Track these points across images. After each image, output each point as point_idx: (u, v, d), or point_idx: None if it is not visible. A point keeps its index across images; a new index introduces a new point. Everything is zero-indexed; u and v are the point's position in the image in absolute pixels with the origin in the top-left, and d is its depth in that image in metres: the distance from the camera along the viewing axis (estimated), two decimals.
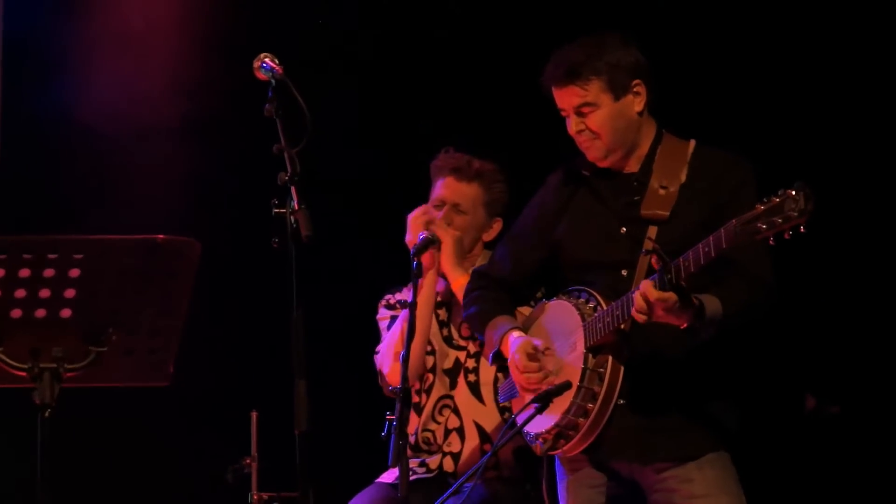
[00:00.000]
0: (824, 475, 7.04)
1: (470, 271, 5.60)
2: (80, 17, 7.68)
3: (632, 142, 5.07)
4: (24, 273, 4.09)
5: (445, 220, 5.95)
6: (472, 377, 6.02)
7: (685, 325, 4.67)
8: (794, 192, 4.26)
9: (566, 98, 5.02)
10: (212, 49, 7.44)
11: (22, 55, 7.71)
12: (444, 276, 5.96)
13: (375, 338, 6.08)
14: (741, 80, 7.21)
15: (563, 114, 5.06)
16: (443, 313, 6.08)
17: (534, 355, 4.99)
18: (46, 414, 4.15)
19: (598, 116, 4.99)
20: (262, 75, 4.69)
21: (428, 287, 5.93)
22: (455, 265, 5.90)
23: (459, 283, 5.79)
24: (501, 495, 5.80)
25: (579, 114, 5.00)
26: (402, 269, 5.83)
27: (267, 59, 4.70)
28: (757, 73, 7.29)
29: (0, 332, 4.14)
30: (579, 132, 5.02)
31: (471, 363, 6.02)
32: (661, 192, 4.99)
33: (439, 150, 6.11)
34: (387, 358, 5.93)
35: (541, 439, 5.03)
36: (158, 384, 4.37)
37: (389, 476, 5.91)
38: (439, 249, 5.90)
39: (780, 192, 4.30)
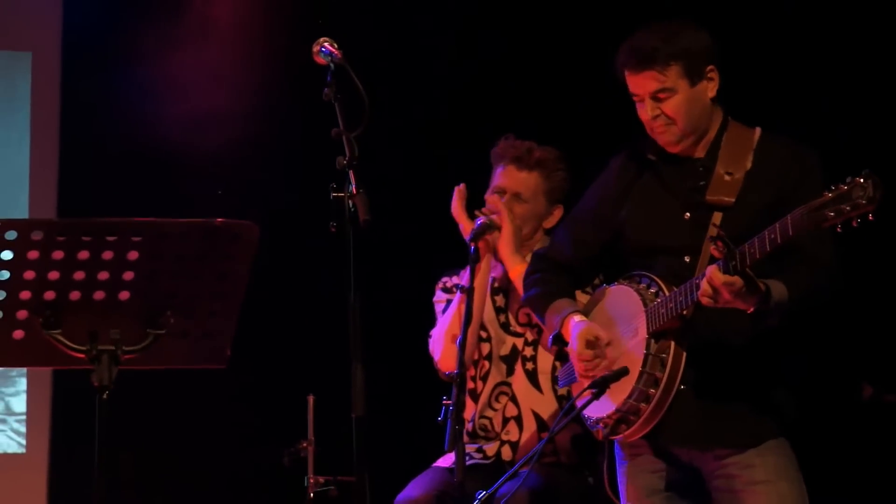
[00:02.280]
0: (881, 462, 7.03)
1: (528, 258, 5.58)
2: (138, 11, 7.72)
3: (704, 126, 5.03)
4: (83, 255, 4.10)
5: (506, 204, 5.94)
6: (529, 365, 6.00)
7: (752, 309, 4.64)
8: (861, 180, 4.24)
9: (642, 83, 4.97)
10: (268, 36, 7.46)
11: (81, 49, 7.75)
12: (502, 263, 5.95)
13: (432, 321, 6.09)
14: (806, 68, 7.20)
15: (635, 99, 5.01)
16: (500, 300, 6.06)
17: (592, 343, 4.99)
18: (105, 395, 4.17)
19: (674, 102, 4.95)
20: (320, 59, 4.69)
21: (483, 272, 5.92)
22: (513, 253, 5.89)
23: (517, 270, 5.78)
24: (559, 481, 5.80)
25: (656, 99, 4.95)
26: (460, 253, 5.83)
27: (326, 44, 4.69)
28: (821, 62, 7.28)
29: (59, 314, 4.16)
30: (655, 117, 4.97)
31: (528, 351, 6.01)
32: (727, 178, 4.95)
33: (500, 137, 6.12)
34: (438, 343, 5.93)
35: (602, 424, 5.03)
36: (215, 367, 4.38)
37: (446, 461, 5.91)
38: (496, 235, 5.89)
39: (847, 180, 4.27)
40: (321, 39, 4.70)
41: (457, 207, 5.95)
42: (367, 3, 7.60)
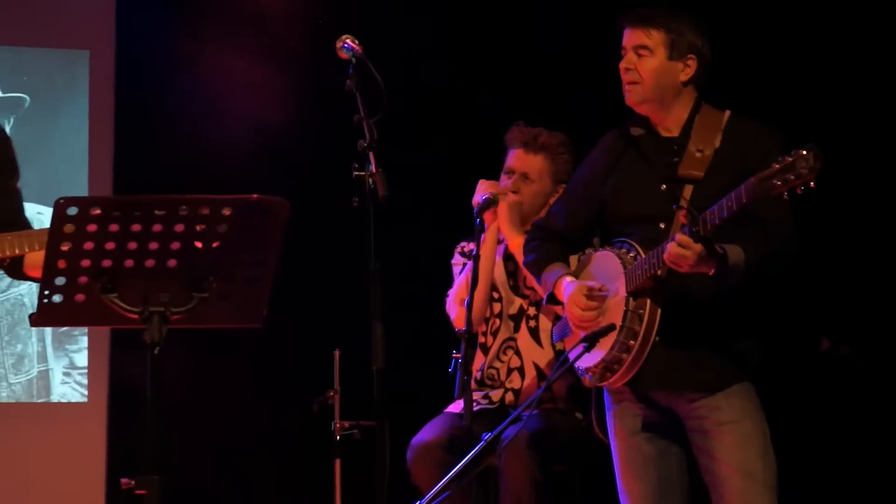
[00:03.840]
0: (836, 407, 7.04)
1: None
2: (184, 13, 7.72)
3: (668, 101, 5.09)
4: (136, 228, 4.12)
5: (514, 187, 6.00)
6: (532, 323, 6.04)
7: (712, 271, 4.69)
8: (804, 152, 4.32)
9: (632, 37, 5.07)
10: (298, 34, 7.46)
11: (132, 47, 7.76)
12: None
13: (446, 282, 6.10)
14: (775, 63, 7.22)
15: (622, 52, 5.09)
16: (511, 265, 6.11)
17: (591, 296, 5.03)
18: (155, 351, 4.19)
19: (649, 63, 5.03)
20: (343, 54, 4.70)
21: (489, 242, 5.96)
22: (510, 227, 5.93)
23: (516, 242, 5.85)
24: (556, 423, 5.82)
25: (636, 53, 5.03)
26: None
27: (348, 40, 4.70)
28: (786, 58, 7.30)
29: (115, 280, 4.17)
30: (627, 70, 5.05)
31: (532, 311, 6.06)
32: (698, 155, 5.00)
33: (513, 122, 6.15)
34: (454, 305, 5.97)
35: (590, 373, 5.06)
36: (252, 326, 4.39)
37: (456, 407, 5.94)
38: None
39: (792, 153, 4.35)
40: (343, 36, 4.71)
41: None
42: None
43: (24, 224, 4.54)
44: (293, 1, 7.61)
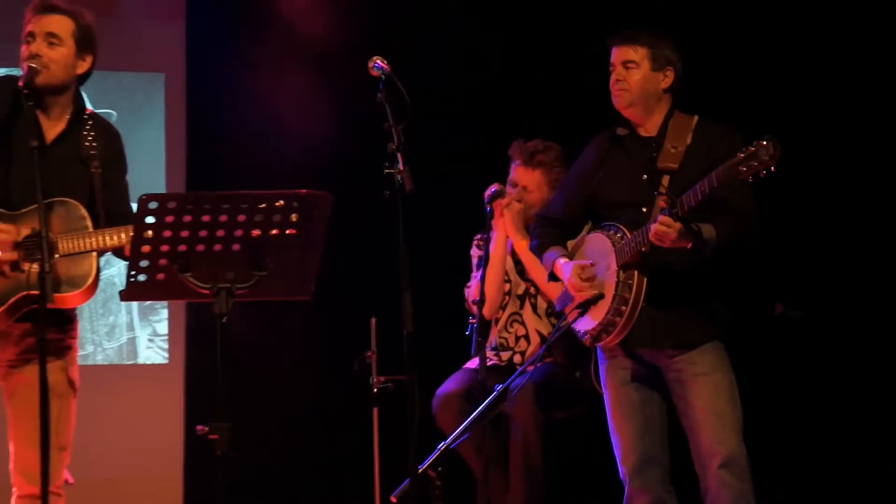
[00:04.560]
0: (788, 362, 7.04)
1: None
2: (243, 39, 7.71)
3: (650, 106, 5.13)
4: (206, 219, 4.13)
5: (517, 196, 6.07)
6: (534, 300, 6.09)
7: (689, 245, 4.75)
8: (765, 143, 4.44)
9: (620, 53, 5.11)
10: (337, 55, 7.44)
11: (200, 69, 7.75)
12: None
13: (463, 260, 6.11)
14: (734, 74, 7.21)
15: (611, 69, 5.13)
16: (517, 256, 6.12)
17: (585, 274, 5.06)
18: (223, 320, 4.19)
19: (635, 74, 5.08)
20: (374, 72, 4.67)
21: (499, 241, 6.05)
22: (515, 232, 6.05)
23: (521, 245, 5.98)
24: (556, 377, 5.81)
25: (625, 67, 5.08)
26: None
27: (378, 60, 4.67)
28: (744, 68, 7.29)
29: (189, 262, 4.18)
30: (618, 81, 5.10)
31: (533, 290, 6.08)
32: (672, 150, 5.05)
33: (516, 133, 6.17)
34: (473, 296, 5.98)
35: (588, 335, 5.10)
36: (303, 298, 4.39)
37: (472, 363, 5.95)
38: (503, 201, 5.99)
39: (754, 143, 4.47)
40: (374, 57, 4.68)
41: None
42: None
43: (130, 213, 4.53)
44: (332, 28, 7.59)
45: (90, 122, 4.84)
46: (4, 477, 4.79)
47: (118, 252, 4.64)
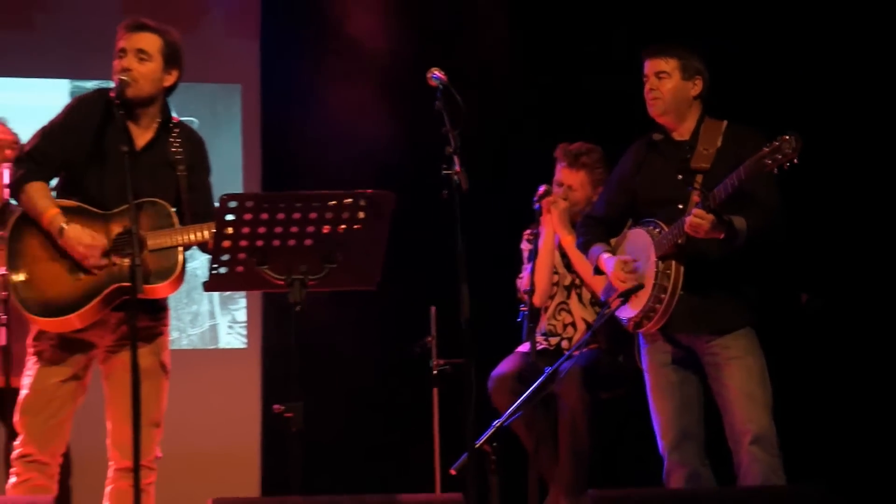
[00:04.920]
0: (814, 347, 7.00)
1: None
2: (314, 52, 7.73)
3: (682, 112, 5.14)
4: (281, 216, 4.17)
5: (563, 195, 6.05)
6: (580, 291, 6.07)
7: (722, 236, 4.78)
8: (787, 137, 4.53)
9: (653, 65, 5.13)
10: (399, 68, 7.45)
11: (273, 80, 7.78)
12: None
13: (514, 253, 6.11)
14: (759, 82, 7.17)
15: (645, 80, 5.15)
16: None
17: (627, 267, 5.07)
18: (297, 308, 4.21)
19: (667, 84, 5.10)
20: (433, 83, 4.68)
21: (548, 225, 5.98)
22: (562, 227, 6.02)
23: (567, 240, 5.96)
24: (601, 361, 5.81)
25: (658, 77, 5.10)
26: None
27: (436, 72, 4.68)
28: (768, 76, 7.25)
29: (266, 255, 4.21)
30: (651, 90, 5.12)
31: (579, 282, 6.07)
32: (704, 152, 5.07)
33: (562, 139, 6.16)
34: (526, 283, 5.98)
35: (631, 321, 5.11)
36: (369, 288, 4.41)
37: (524, 348, 5.95)
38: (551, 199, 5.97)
39: (778, 138, 4.55)
40: (432, 69, 4.69)
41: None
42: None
43: (213, 212, 4.56)
44: (395, 42, 7.60)
45: (176, 130, 4.87)
46: (103, 451, 4.84)
47: (202, 247, 4.68)
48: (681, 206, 4.98)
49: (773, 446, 4.92)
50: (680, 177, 5.06)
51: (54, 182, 4.81)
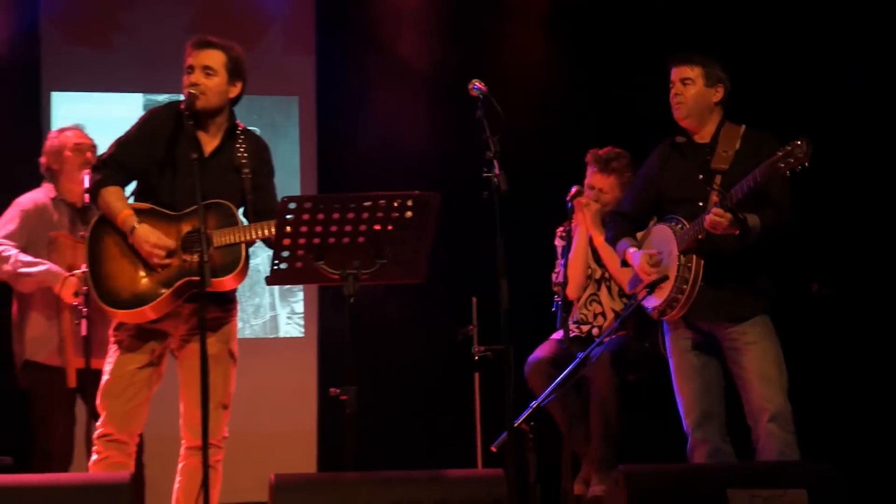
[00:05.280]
0: (824, 332, 6.96)
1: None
2: (367, 67, 7.76)
3: (704, 117, 5.12)
4: (336, 216, 4.18)
5: (595, 198, 6.02)
6: (609, 283, 6.05)
7: (737, 232, 4.77)
8: (799, 143, 4.52)
9: (679, 72, 5.12)
10: (442, 79, 7.46)
11: (328, 93, 7.82)
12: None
13: (549, 249, 6.10)
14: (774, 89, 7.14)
15: (671, 86, 5.13)
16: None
17: (652, 261, 5.06)
18: (351, 300, 4.23)
19: (691, 90, 5.09)
20: (474, 93, 4.67)
21: (581, 224, 5.97)
22: (594, 227, 6.00)
23: (598, 239, 5.93)
24: (629, 347, 5.80)
25: (682, 83, 5.08)
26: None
27: (476, 83, 4.68)
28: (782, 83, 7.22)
29: (322, 252, 4.22)
30: (676, 95, 5.11)
31: (608, 275, 6.04)
32: (724, 154, 5.06)
33: (591, 144, 6.15)
34: (560, 276, 5.97)
35: (656, 310, 5.11)
36: (417, 282, 4.42)
37: (557, 335, 5.93)
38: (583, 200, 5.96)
39: (790, 143, 4.54)
40: (473, 80, 4.69)
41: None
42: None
43: (275, 211, 4.58)
44: (439, 56, 7.61)
45: (242, 137, 4.89)
46: (176, 431, 4.87)
47: (267, 241, 4.69)
48: (701, 204, 4.97)
49: (788, 424, 4.90)
50: (700, 177, 5.05)
51: (133, 186, 4.85)
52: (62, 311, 5.50)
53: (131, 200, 4.81)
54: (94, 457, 4.74)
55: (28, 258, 5.47)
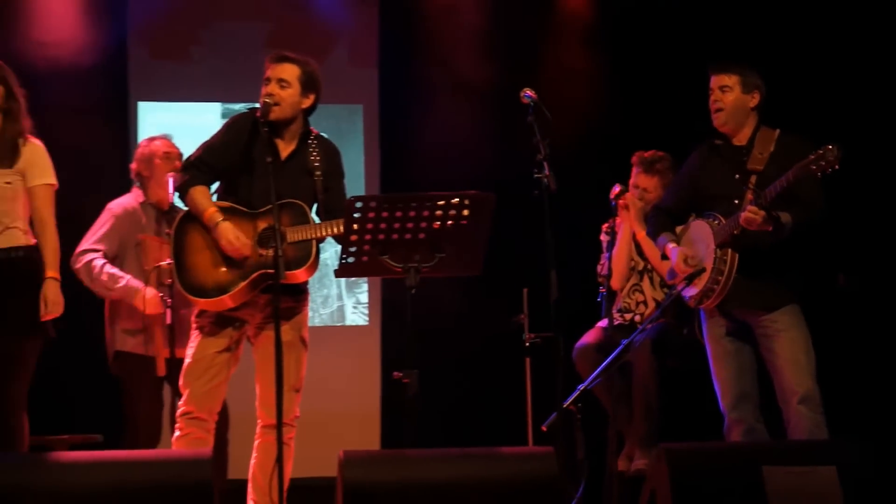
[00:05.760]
0: (850, 319, 6.91)
1: None
2: (423, 77, 7.78)
3: (741, 121, 5.09)
4: (398, 214, 4.22)
5: (639, 196, 5.97)
6: (651, 274, 6.02)
7: (770, 228, 4.75)
8: (831, 147, 4.51)
9: (717, 80, 5.09)
10: (496, 89, 7.47)
11: (390, 101, 7.85)
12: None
13: (595, 245, 6.09)
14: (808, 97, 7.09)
15: (710, 93, 5.11)
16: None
17: (687, 261, 5.05)
18: (412, 291, 4.25)
19: (729, 97, 5.07)
20: (525, 100, 4.69)
21: (625, 220, 5.95)
22: (637, 223, 5.93)
23: (641, 234, 5.88)
24: (668, 333, 5.77)
25: (721, 90, 5.06)
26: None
27: (528, 91, 4.69)
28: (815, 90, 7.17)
29: (386, 247, 4.25)
30: (715, 101, 5.09)
31: (650, 267, 6.01)
32: (759, 156, 5.03)
33: (632, 147, 6.14)
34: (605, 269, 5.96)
35: (693, 299, 5.09)
36: (474, 274, 4.44)
37: (603, 323, 5.92)
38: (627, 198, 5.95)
39: (822, 147, 4.54)
40: (525, 89, 4.70)
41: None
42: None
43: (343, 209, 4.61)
44: (492, 67, 7.61)
45: (315, 142, 4.93)
46: (252, 409, 4.91)
47: (337, 237, 4.71)
48: (737, 202, 4.94)
49: (817, 406, 4.88)
50: (737, 176, 5.02)
51: (215, 187, 4.90)
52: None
53: (214, 198, 4.86)
54: (177, 433, 4.80)
55: (112, 271, 5.54)
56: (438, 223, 4.25)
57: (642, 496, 4.59)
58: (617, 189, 5.98)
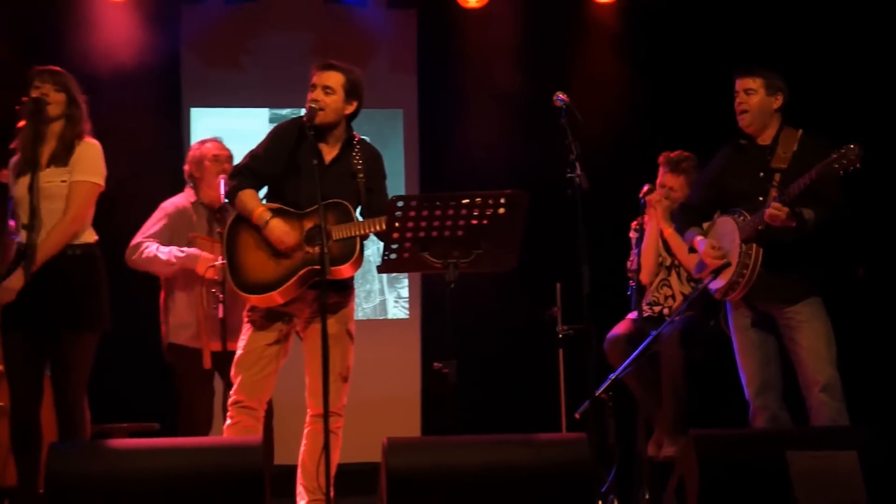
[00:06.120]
0: (869, 310, 6.85)
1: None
2: (458, 84, 7.77)
3: (765, 122, 5.05)
4: (437, 213, 4.22)
5: (665, 194, 5.93)
6: (678, 269, 5.97)
7: (794, 224, 4.72)
8: (852, 146, 4.48)
9: (742, 83, 5.05)
10: (525, 90, 7.45)
11: (428, 106, 7.84)
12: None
13: (625, 241, 6.05)
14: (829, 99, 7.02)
15: (736, 95, 5.07)
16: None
17: (716, 253, 5.01)
18: (451, 286, 4.24)
19: (754, 99, 5.03)
20: (557, 104, 4.67)
21: (653, 218, 5.91)
22: (664, 221, 5.88)
23: (668, 231, 5.83)
24: (694, 324, 5.74)
25: (746, 92, 5.03)
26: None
27: (561, 95, 4.67)
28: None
29: (426, 244, 4.25)
30: (740, 103, 5.05)
31: (677, 262, 5.97)
32: (783, 155, 5.00)
33: (659, 148, 6.10)
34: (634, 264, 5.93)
35: (719, 292, 5.06)
36: (508, 269, 4.42)
37: (633, 315, 5.88)
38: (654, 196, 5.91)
39: (844, 146, 4.51)
40: (557, 92, 4.69)
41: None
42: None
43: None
44: (524, 71, 7.59)
45: (358, 146, 4.93)
46: (302, 398, 4.91)
47: (379, 235, 4.70)
48: (761, 199, 4.91)
49: (838, 394, 4.84)
50: (761, 175, 4.99)
51: (264, 191, 4.91)
52: (201, 300, 5.58)
53: (264, 202, 4.86)
54: (228, 421, 4.81)
55: (169, 247, 5.56)
56: (476, 221, 4.24)
57: (671, 480, 4.58)
58: (646, 188, 5.96)
